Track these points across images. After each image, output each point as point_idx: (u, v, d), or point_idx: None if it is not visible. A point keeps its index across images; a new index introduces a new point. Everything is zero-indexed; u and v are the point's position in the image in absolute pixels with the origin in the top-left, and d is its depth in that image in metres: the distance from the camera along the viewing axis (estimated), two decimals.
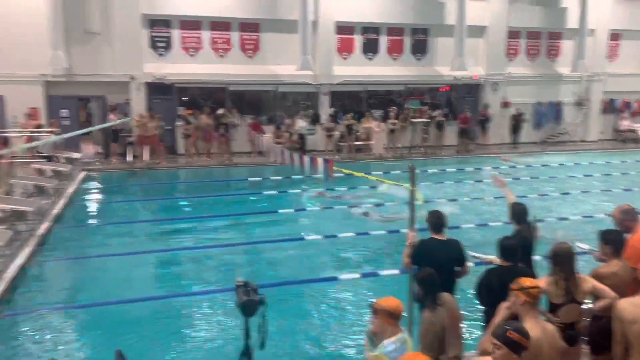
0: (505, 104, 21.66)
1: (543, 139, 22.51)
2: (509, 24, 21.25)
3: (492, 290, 4.48)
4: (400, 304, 3.78)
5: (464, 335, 4.71)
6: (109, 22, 17.33)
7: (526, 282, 3.88)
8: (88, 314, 6.96)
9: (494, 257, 5.36)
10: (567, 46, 22.55)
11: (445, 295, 4.46)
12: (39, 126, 15.61)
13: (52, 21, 16.03)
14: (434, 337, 4.25)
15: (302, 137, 18.28)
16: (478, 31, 20.88)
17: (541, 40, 22.44)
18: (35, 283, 8.00)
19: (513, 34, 21.67)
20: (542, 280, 4.37)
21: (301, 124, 18.35)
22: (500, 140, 21.19)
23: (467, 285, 5.66)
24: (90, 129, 15.73)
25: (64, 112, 17.70)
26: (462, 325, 4.52)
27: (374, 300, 3.85)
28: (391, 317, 3.69)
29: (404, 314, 3.99)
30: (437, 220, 5.20)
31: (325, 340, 6.35)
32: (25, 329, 6.56)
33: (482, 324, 4.86)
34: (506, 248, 4.66)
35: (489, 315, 4.66)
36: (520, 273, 4.34)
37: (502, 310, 4.10)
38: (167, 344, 6.25)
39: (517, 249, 4.75)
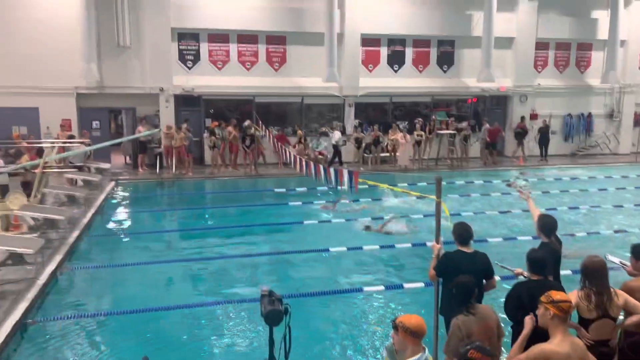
0: (533, 116, 21.38)
1: (573, 151, 22.10)
2: (538, 35, 21.02)
3: (522, 304, 4.37)
4: (422, 323, 3.61)
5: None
6: (140, 36, 17.77)
7: (556, 295, 3.77)
8: (116, 321, 7.06)
9: (521, 270, 5.28)
10: (597, 57, 22.14)
11: (483, 307, 4.33)
12: (70, 137, 16.02)
13: (86, 35, 16.52)
14: (457, 342, 4.15)
15: (336, 148, 18.32)
16: (506, 42, 20.71)
17: (571, 52, 22.11)
18: (65, 290, 8.18)
19: (542, 45, 21.42)
20: (573, 294, 4.26)
21: (337, 135, 18.39)
22: (529, 153, 20.88)
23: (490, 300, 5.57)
24: (118, 140, 16.06)
25: (95, 124, 18.16)
26: (496, 341, 4.30)
27: (397, 315, 3.78)
28: (412, 336, 3.57)
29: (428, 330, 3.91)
30: (463, 233, 5.14)
31: (347, 352, 6.31)
32: (55, 335, 6.68)
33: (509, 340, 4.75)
34: (536, 261, 4.55)
35: (517, 330, 4.56)
36: (550, 287, 4.24)
37: (529, 323, 4.01)
38: (193, 351, 6.30)
39: (548, 262, 4.65)
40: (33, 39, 16.82)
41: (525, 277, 5.20)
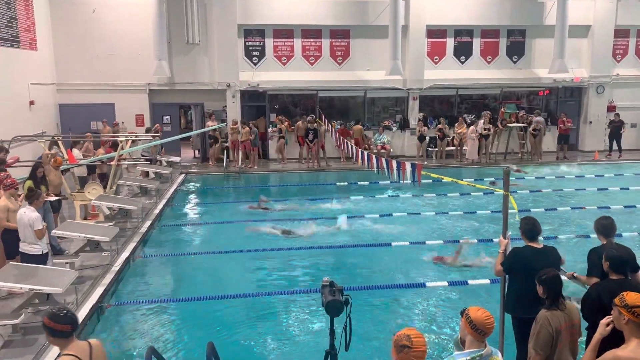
0: (611, 108, 20.17)
1: None
2: (617, 22, 19.77)
3: (602, 305, 4.11)
4: (487, 319, 3.41)
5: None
6: (208, 33, 18.31)
7: (631, 298, 3.51)
8: (182, 307, 7.34)
9: (572, 273, 5.05)
10: None
11: (569, 304, 4.16)
12: (147, 130, 16.75)
13: (158, 33, 17.21)
14: (547, 337, 3.96)
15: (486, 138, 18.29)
16: (581, 31, 19.65)
17: None
18: (137, 276, 8.59)
19: (621, 33, 20.13)
20: None
21: (481, 124, 18.30)
22: (604, 147, 19.76)
23: None
24: (187, 134, 16.65)
25: (166, 119, 18.92)
26: (577, 340, 4.11)
27: (466, 307, 3.66)
28: (472, 327, 3.43)
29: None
30: (531, 227, 4.94)
31: None
32: (127, 318, 7.05)
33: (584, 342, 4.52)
34: (616, 259, 4.30)
35: (593, 333, 4.33)
36: (631, 287, 4.02)
37: (602, 327, 3.78)
38: (255, 340, 6.44)
39: (628, 261, 4.40)
40: (109, 39, 17.80)
41: (576, 279, 5.02)
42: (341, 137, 16.82)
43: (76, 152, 12.46)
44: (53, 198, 9.15)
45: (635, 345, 3.41)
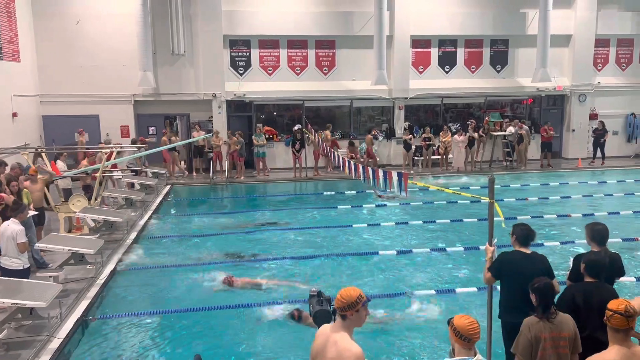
0: (593, 116, 20.50)
1: (637, 152, 21.01)
2: (597, 32, 20.16)
3: (576, 305, 4.21)
4: (470, 326, 3.41)
5: None
6: (193, 44, 18.29)
7: (613, 305, 3.52)
8: (168, 320, 7.26)
9: None
10: None
11: (562, 316, 4.07)
12: (132, 142, 16.63)
13: (143, 44, 17.14)
14: (526, 343, 3.96)
15: (509, 145, 18.72)
16: (563, 40, 19.99)
17: (634, 48, 21.04)
18: (122, 289, 8.48)
19: (602, 42, 20.52)
20: (638, 299, 4.04)
21: (511, 129, 18.64)
22: (587, 155, 20.06)
23: None
24: (172, 145, 16.54)
25: (151, 130, 18.81)
26: (567, 353, 4.00)
27: (453, 315, 3.66)
28: (458, 336, 3.44)
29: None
30: (526, 234, 4.95)
31: (393, 356, 6.22)
32: (112, 332, 6.94)
33: None
34: (593, 262, 4.37)
35: None
36: (606, 290, 4.14)
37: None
38: (242, 351, 6.38)
39: (605, 266, 4.45)
40: (93, 50, 17.68)
41: None
42: (328, 147, 16.84)
43: (60, 164, 12.34)
44: (32, 212, 9.01)
45: (616, 350, 3.46)
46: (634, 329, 3.54)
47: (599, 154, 19.40)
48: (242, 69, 18.99)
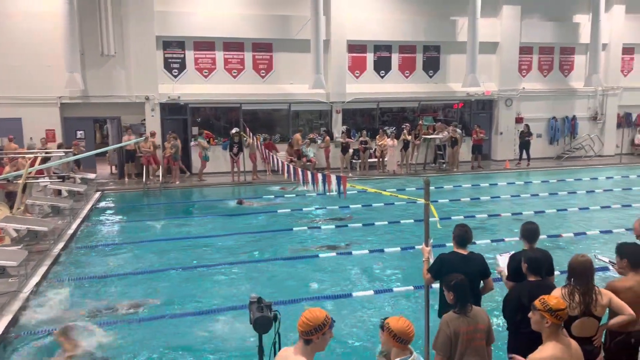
0: (519, 120, 21.59)
1: (558, 154, 22.30)
2: (521, 40, 21.24)
3: (522, 305, 4.31)
4: (409, 328, 3.46)
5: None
6: (124, 45, 17.60)
7: (552, 301, 3.63)
8: (101, 332, 6.91)
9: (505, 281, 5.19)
10: (580, 61, 22.46)
11: (476, 309, 4.22)
12: (59, 146, 15.76)
13: (69, 44, 16.30)
14: (445, 339, 4.05)
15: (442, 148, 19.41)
16: (490, 47, 20.90)
17: (554, 56, 22.35)
18: (49, 303, 7.97)
19: (525, 50, 21.65)
20: (557, 291, 4.23)
21: (446, 133, 19.19)
22: (514, 156, 21.08)
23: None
24: (103, 149, 15.89)
25: (80, 134, 17.95)
26: (483, 345, 4.16)
27: (386, 317, 3.68)
28: (395, 339, 3.46)
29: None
30: (463, 234, 5.06)
31: (337, 357, 6.23)
32: (38, 349, 6.51)
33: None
34: (533, 261, 4.52)
35: (514, 334, 4.52)
36: (549, 288, 4.28)
37: None
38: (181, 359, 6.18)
39: (545, 262, 4.64)
40: (15, 50, 16.61)
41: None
42: (267, 150, 16.72)
43: None
44: None
45: (553, 346, 3.59)
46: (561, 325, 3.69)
47: (524, 155, 20.43)
48: (176, 70, 18.51)
